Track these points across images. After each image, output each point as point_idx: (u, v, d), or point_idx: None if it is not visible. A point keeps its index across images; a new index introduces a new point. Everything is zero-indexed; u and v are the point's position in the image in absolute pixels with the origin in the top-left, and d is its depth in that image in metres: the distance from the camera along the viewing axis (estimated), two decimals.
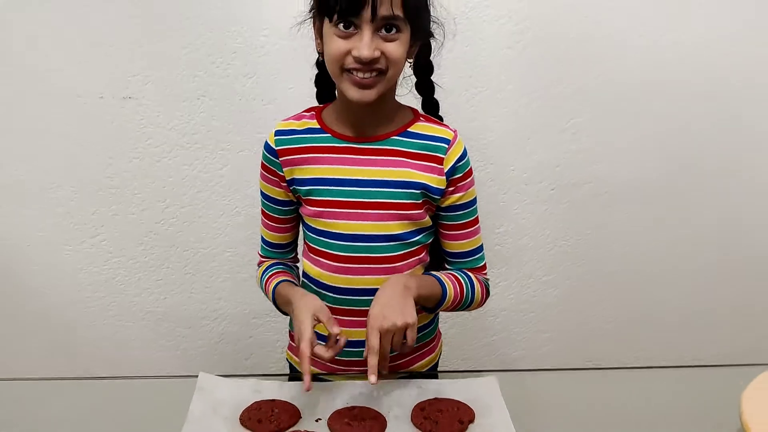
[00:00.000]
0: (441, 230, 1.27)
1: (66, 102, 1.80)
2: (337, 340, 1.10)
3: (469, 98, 1.84)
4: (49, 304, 1.99)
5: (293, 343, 1.35)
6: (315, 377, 1.21)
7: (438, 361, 1.38)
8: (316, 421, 1.07)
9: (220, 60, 1.80)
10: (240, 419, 1.07)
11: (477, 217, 1.27)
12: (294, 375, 1.35)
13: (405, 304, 1.08)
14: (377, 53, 1.07)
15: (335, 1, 1.05)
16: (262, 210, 1.30)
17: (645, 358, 2.09)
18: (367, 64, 1.07)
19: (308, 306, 1.12)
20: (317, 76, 1.27)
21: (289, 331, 1.36)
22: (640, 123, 1.91)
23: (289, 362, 1.39)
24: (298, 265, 1.35)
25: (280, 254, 1.34)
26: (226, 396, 1.13)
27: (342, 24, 1.06)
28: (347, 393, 1.14)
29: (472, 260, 1.28)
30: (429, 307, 1.22)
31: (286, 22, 1.75)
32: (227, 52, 1.79)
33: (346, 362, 1.25)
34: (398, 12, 1.06)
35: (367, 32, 1.06)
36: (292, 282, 1.26)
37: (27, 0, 1.72)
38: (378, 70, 1.09)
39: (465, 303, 1.24)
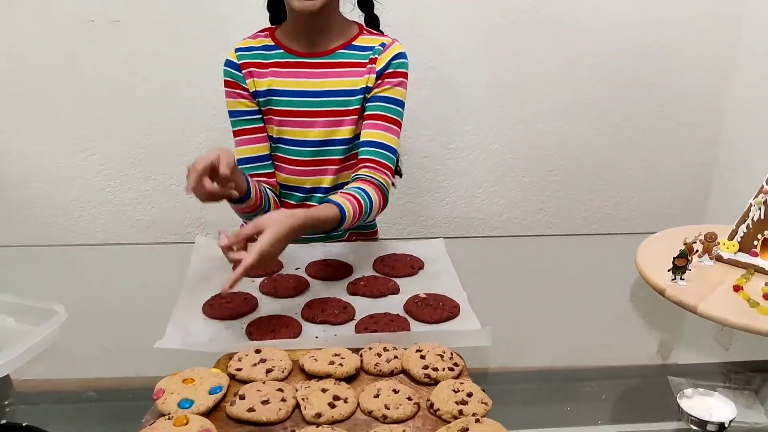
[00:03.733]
0: (362, 122, 1.37)
1: (58, 24, 1.96)
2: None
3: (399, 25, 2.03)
4: (41, 213, 2.16)
5: None
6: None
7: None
8: (296, 269, 1.31)
9: None
10: (233, 267, 1.30)
11: (398, 120, 1.37)
12: None
13: (282, 249, 1.12)
14: None
15: None
16: (234, 131, 1.42)
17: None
18: None
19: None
20: (268, 1, 1.42)
21: None
22: (575, 48, 2.14)
23: None
24: (272, 188, 1.43)
25: (257, 168, 1.42)
26: (220, 252, 1.34)
27: None
28: (320, 251, 1.38)
29: (381, 153, 1.34)
30: (330, 228, 1.22)
31: None
32: None
33: None
34: None
35: None
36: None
37: None
38: None
39: (365, 216, 1.27)
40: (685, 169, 2.33)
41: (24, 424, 0.84)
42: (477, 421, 0.84)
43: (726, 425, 0.89)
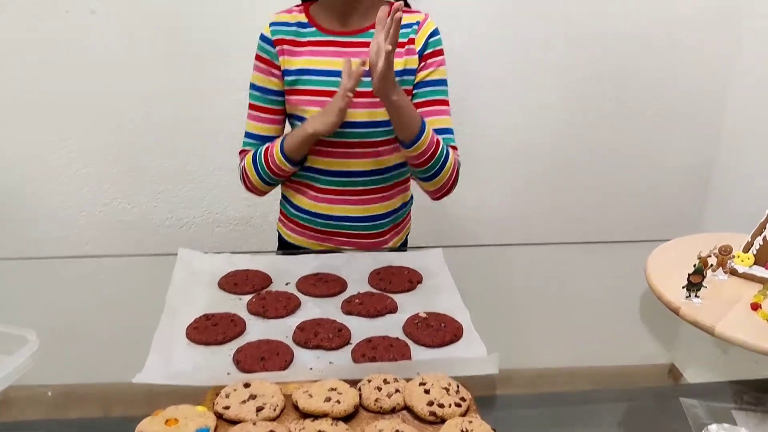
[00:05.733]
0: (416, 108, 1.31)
1: (33, 16, 1.86)
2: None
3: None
4: (17, 213, 2.07)
5: (282, 216, 1.50)
6: (292, 247, 1.44)
7: (405, 242, 1.55)
8: (286, 284, 1.23)
9: None
10: (218, 284, 1.22)
11: (447, 99, 1.36)
12: (282, 243, 1.52)
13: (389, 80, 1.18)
14: None
15: None
16: (251, 104, 1.38)
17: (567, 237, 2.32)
18: None
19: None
20: None
21: (280, 209, 1.50)
22: (574, 48, 2.08)
23: (279, 232, 1.53)
24: None
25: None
26: (204, 266, 1.27)
27: None
28: (312, 263, 1.30)
29: (445, 139, 1.32)
30: (408, 136, 1.24)
31: None
32: None
33: (325, 232, 1.42)
34: None
35: None
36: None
37: None
38: None
39: (439, 158, 1.27)
40: (685, 168, 2.28)
41: None
42: None
43: None
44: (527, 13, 2.03)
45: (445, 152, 1.28)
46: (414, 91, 1.35)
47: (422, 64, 1.33)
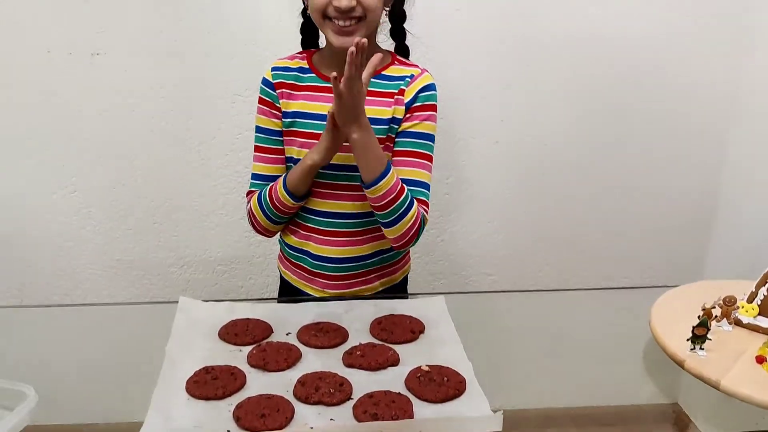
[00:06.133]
0: (392, 157, 1.34)
1: (36, 57, 1.88)
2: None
3: (417, 57, 1.97)
4: (18, 253, 2.07)
5: (281, 255, 1.51)
6: (293, 290, 1.46)
7: (401, 281, 1.54)
8: (287, 334, 1.22)
9: (187, 18, 1.89)
10: (218, 334, 1.21)
11: (429, 155, 1.35)
12: (283, 285, 1.52)
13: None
14: (353, 2, 1.21)
15: None
16: (256, 146, 1.41)
17: (574, 286, 2.29)
18: (345, 13, 1.22)
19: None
20: (303, 24, 1.41)
21: (280, 247, 1.51)
22: (576, 79, 2.08)
23: (279, 272, 1.54)
24: None
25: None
26: (204, 316, 1.26)
27: None
28: (313, 311, 1.29)
29: (414, 191, 1.31)
30: (368, 176, 1.25)
31: None
32: (193, 10, 1.88)
33: (316, 274, 1.43)
34: None
35: None
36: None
37: None
38: (356, 17, 1.24)
39: (400, 207, 1.26)
40: (688, 198, 2.27)
41: None
42: None
43: None
44: (526, 52, 2.04)
45: (407, 202, 1.28)
46: (396, 140, 1.35)
47: (408, 115, 1.34)
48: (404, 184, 1.29)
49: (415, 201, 1.30)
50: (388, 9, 1.34)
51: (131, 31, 1.88)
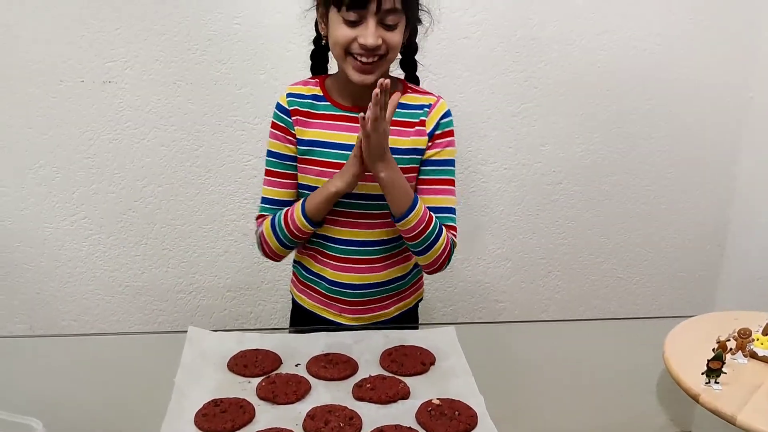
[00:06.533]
0: (417, 186, 1.37)
1: (48, 85, 1.89)
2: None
3: (427, 84, 1.99)
4: (28, 279, 2.07)
5: (295, 279, 1.51)
6: (307, 313, 1.46)
7: (414, 306, 1.54)
8: (296, 365, 1.21)
9: (196, 46, 1.90)
10: (228, 366, 1.20)
11: (452, 179, 1.38)
12: (296, 309, 1.51)
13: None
14: (380, 41, 1.22)
15: None
16: (267, 170, 1.40)
17: (585, 315, 2.29)
18: (370, 50, 1.23)
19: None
20: (313, 51, 1.41)
21: (293, 271, 1.51)
22: (585, 108, 2.08)
23: (292, 296, 1.53)
24: None
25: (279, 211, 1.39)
26: (214, 346, 1.26)
27: (349, 14, 1.20)
28: (323, 342, 1.28)
29: (444, 217, 1.35)
30: (397, 211, 1.28)
31: (257, 11, 1.89)
32: (202, 40, 1.90)
33: (331, 298, 1.43)
34: (398, 5, 1.21)
35: (371, 23, 1.21)
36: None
37: None
38: (379, 55, 1.24)
39: (429, 236, 1.29)
40: (698, 228, 2.26)
41: None
42: None
43: None
44: (536, 80, 2.04)
45: (437, 231, 1.30)
46: (421, 169, 1.37)
47: (430, 144, 1.36)
48: (432, 213, 1.32)
49: (443, 228, 1.32)
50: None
51: (143, 59, 1.90)
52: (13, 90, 1.89)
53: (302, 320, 1.48)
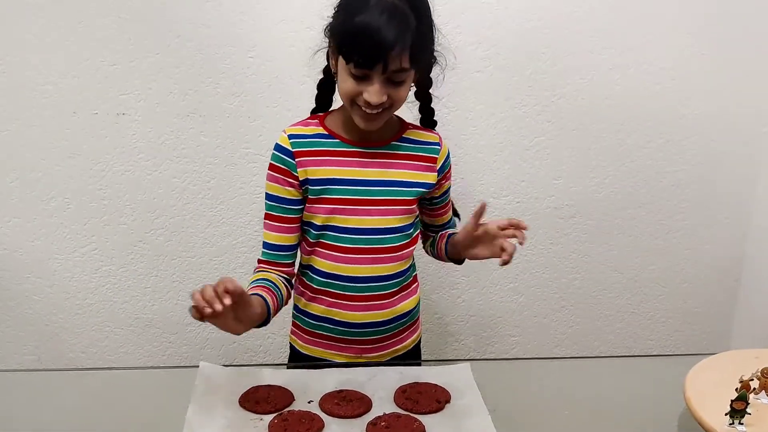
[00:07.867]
0: (431, 210, 1.50)
1: (62, 117, 1.90)
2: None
3: (440, 118, 1.99)
4: (38, 311, 2.05)
5: (294, 328, 1.49)
6: (311, 359, 1.43)
7: (420, 341, 1.54)
8: (309, 402, 1.19)
9: (210, 79, 1.91)
10: (239, 402, 1.19)
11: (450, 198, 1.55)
12: (294, 354, 1.50)
13: None
14: (385, 98, 1.23)
15: (353, 53, 1.19)
16: (266, 214, 1.38)
17: (599, 350, 2.26)
18: (375, 106, 1.23)
19: None
20: (321, 80, 1.42)
21: (293, 322, 1.50)
22: (598, 142, 2.07)
23: (291, 344, 1.52)
24: (289, 278, 1.41)
25: (281, 257, 1.39)
26: (225, 382, 1.24)
27: (356, 70, 1.21)
28: (336, 378, 1.26)
29: (450, 225, 1.56)
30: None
31: (271, 45, 1.90)
32: (216, 72, 1.91)
33: (345, 341, 1.41)
34: (405, 64, 1.21)
35: (377, 82, 1.21)
36: (259, 295, 1.32)
37: (23, 16, 1.82)
38: (385, 108, 1.26)
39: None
40: (714, 263, 2.23)
41: None
42: None
43: None
44: (548, 114, 2.04)
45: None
46: (436, 200, 1.49)
47: (442, 179, 1.44)
48: (447, 223, 1.55)
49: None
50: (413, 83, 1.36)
51: (156, 92, 1.90)
52: (28, 122, 1.90)
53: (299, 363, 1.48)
